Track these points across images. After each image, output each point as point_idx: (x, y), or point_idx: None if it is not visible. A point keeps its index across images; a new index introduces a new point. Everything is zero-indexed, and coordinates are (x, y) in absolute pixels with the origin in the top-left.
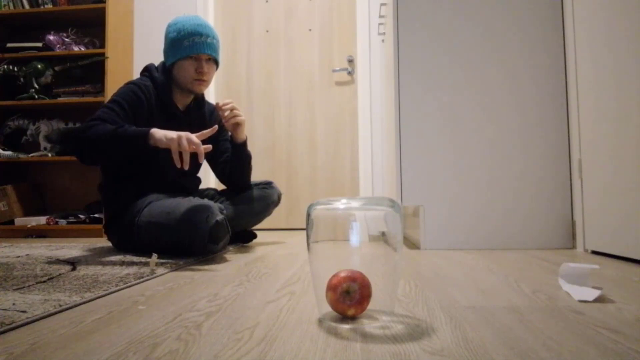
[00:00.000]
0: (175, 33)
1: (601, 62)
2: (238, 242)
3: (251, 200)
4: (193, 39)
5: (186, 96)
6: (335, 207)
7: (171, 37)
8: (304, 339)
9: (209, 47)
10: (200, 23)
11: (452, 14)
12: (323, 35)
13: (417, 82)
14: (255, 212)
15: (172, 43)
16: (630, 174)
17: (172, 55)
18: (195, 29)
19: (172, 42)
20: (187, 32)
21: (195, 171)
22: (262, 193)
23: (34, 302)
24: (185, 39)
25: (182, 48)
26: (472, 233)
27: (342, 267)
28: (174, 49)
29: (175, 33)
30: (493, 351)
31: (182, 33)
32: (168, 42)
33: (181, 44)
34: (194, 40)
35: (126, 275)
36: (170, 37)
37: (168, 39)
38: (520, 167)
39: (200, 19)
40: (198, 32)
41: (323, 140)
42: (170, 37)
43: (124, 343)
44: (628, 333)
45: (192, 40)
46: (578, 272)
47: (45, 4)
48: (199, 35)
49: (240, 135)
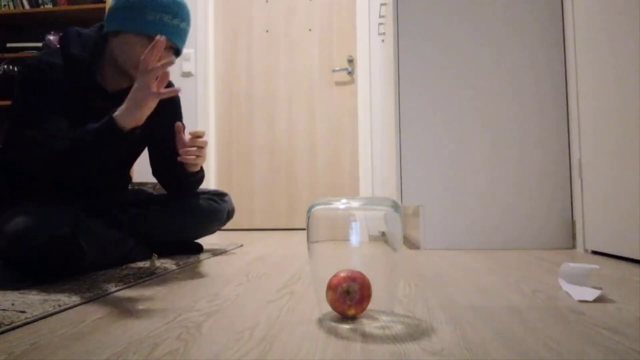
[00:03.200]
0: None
1: (601, 62)
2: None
3: (192, 213)
4: (162, 17)
5: (120, 77)
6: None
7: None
8: (304, 339)
9: (178, 33)
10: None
11: (452, 14)
12: (323, 35)
13: (417, 82)
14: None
15: (129, 4)
16: (630, 174)
17: (120, 22)
18: (169, 4)
19: (131, 4)
20: (158, 4)
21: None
22: (209, 206)
23: (33, 302)
24: (151, 11)
25: (142, 20)
26: (472, 233)
27: (342, 267)
28: (128, 14)
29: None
30: (493, 351)
31: (150, 1)
32: (123, 0)
33: (142, 14)
34: (162, 18)
35: (126, 275)
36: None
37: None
38: (520, 167)
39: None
40: (171, 10)
41: (323, 140)
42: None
43: (124, 343)
44: (628, 333)
45: (160, 17)
46: (578, 272)
47: (45, 4)
48: (172, 14)
49: (193, 169)
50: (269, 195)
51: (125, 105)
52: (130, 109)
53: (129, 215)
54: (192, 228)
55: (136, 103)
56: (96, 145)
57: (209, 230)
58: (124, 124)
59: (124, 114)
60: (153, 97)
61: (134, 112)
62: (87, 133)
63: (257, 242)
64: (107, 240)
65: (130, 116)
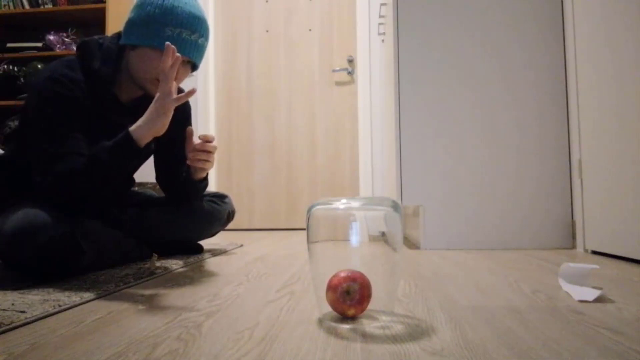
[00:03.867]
0: (159, 10)
1: (601, 62)
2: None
3: (193, 214)
4: (180, 32)
5: (134, 87)
6: (335, 207)
7: (151, 11)
8: (304, 339)
9: (197, 49)
10: (197, 14)
11: (452, 14)
12: (323, 35)
13: (417, 82)
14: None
15: (148, 19)
16: (630, 174)
17: (139, 36)
18: (189, 20)
19: (149, 19)
20: (177, 19)
21: None
22: (209, 208)
23: (33, 302)
24: (170, 27)
25: (160, 35)
26: (472, 233)
27: (342, 267)
28: (146, 28)
29: (160, 11)
30: (493, 351)
31: (170, 17)
32: (143, 15)
33: (161, 29)
34: (180, 33)
35: (126, 275)
36: (150, 11)
37: (145, 11)
38: (520, 167)
39: (198, 6)
40: (191, 26)
41: (323, 140)
42: (149, 12)
43: (124, 343)
44: (628, 333)
45: (179, 32)
46: (578, 272)
47: (45, 4)
48: (192, 30)
49: (200, 175)
50: (269, 195)
51: (145, 117)
52: (152, 120)
53: (129, 216)
54: (193, 230)
55: (158, 112)
56: (112, 162)
57: (210, 231)
58: (141, 138)
59: (142, 127)
60: (173, 103)
61: (156, 121)
62: (103, 150)
63: (257, 242)
64: (106, 240)
65: (151, 128)
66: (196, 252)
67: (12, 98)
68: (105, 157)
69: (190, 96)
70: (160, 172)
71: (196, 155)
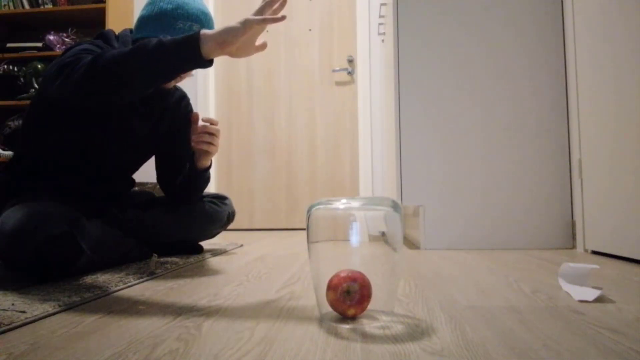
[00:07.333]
0: (170, 5)
1: (601, 62)
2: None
3: (193, 215)
4: (192, 25)
5: None
6: (335, 207)
7: (163, 7)
8: (304, 339)
9: None
10: (206, 11)
11: (452, 14)
12: (323, 35)
13: (417, 82)
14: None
15: (160, 14)
16: (630, 174)
17: (152, 29)
18: (199, 15)
19: (162, 13)
20: (187, 13)
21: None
22: (209, 209)
23: (33, 303)
24: (182, 20)
25: (172, 28)
26: (472, 233)
27: (342, 267)
28: (159, 22)
29: (172, 6)
30: (493, 351)
31: (180, 11)
32: (155, 10)
33: (173, 22)
34: (192, 26)
35: (126, 275)
36: (162, 6)
37: (157, 7)
38: (520, 167)
39: (205, 4)
40: (201, 20)
41: (323, 140)
42: (161, 7)
43: (124, 343)
44: (628, 333)
45: (190, 25)
46: (578, 272)
47: (45, 4)
48: (201, 24)
49: (204, 162)
50: (269, 195)
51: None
52: (227, 27)
53: (129, 216)
54: (193, 231)
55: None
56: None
57: (210, 233)
58: (207, 39)
59: (213, 31)
60: (258, 21)
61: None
62: (157, 40)
63: (257, 242)
64: (106, 240)
65: (222, 33)
66: (196, 252)
67: (12, 98)
68: (154, 45)
69: (278, 22)
70: (161, 171)
71: (200, 137)
